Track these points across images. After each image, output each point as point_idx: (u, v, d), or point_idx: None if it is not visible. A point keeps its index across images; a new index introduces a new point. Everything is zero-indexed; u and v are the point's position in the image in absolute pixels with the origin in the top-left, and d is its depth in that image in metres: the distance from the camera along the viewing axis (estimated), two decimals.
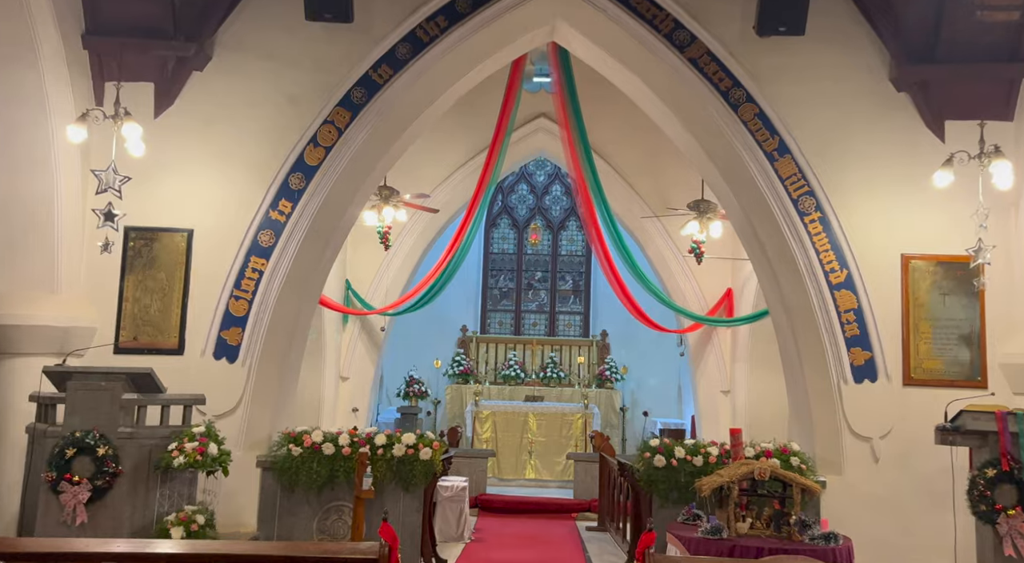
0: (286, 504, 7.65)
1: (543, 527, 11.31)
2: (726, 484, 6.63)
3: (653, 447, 7.65)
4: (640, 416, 17.39)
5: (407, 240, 12.93)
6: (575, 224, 18.80)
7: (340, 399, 12.77)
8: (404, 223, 12.71)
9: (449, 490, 10.13)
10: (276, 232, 7.93)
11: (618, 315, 17.84)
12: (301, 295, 8.09)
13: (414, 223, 12.90)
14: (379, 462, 7.58)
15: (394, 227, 12.41)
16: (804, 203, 8.02)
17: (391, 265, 12.85)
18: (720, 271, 12.73)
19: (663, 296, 11.70)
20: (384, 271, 12.85)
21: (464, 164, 12.90)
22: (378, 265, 12.88)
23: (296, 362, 8.35)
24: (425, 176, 12.52)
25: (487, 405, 15.40)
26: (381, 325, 12.90)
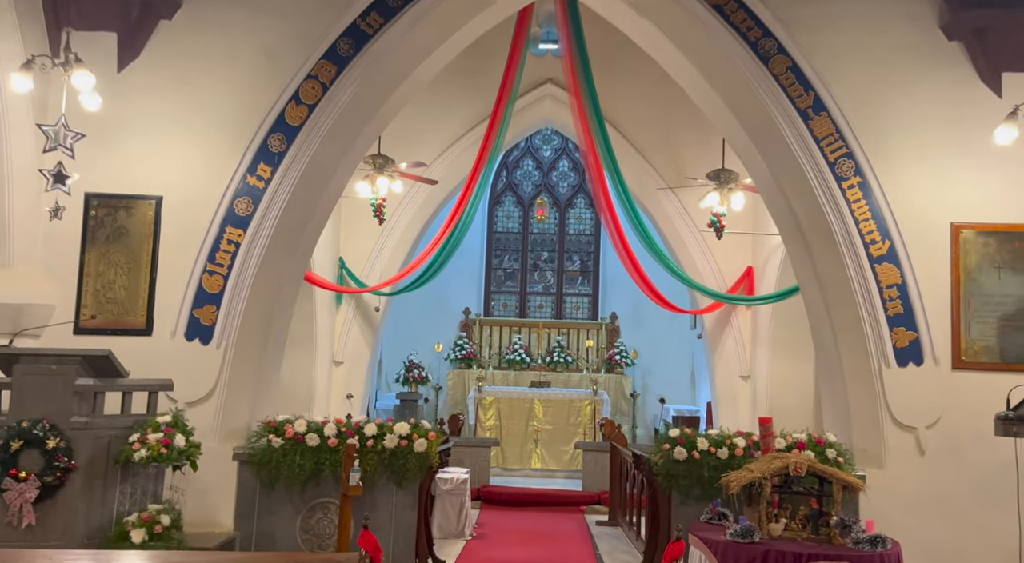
0: (266, 501, 6.91)
1: (550, 522, 10.59)
2: (757, 480, 5.86)
3: (673, 438, 6.88)
4: (652, 402, 16.70)
5: (404, 215, 12.13)
6: (583, 201, 18.01)
7: (334, 385, 12.03)
8: (400, 196, 11.94)
9: (449, 483, 9.40)
10: (254, 199, 7.15)
11: (628, 297, 17.16)
12: (283, 270, 7.31)
13: (411, 197, 12.11)
14: (369, 455, 6.83)
15: (390, 200, 11.62)
16: (842, 166, 7.20)
17: (387, 242, 12.07)
18: (740, 248, 11.91)
19: (681, 272, 10.89)
20: (380, 249, 12.07)
21: (465, 134, 12.09)
22: (373, 242, 12.10)
23: (279, 344, 7.59)
24: (423, 147, 11.70)
25: (491, 391, 14.69)
26: (376, 305, 12.13)
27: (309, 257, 7.80)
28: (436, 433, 7.04)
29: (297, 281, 7.72)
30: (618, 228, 10.58)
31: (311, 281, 10.02)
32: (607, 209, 10.49)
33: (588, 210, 18.05)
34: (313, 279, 10.10)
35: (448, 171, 11.98)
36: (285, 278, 7.36)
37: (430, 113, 12.03)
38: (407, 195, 12.07)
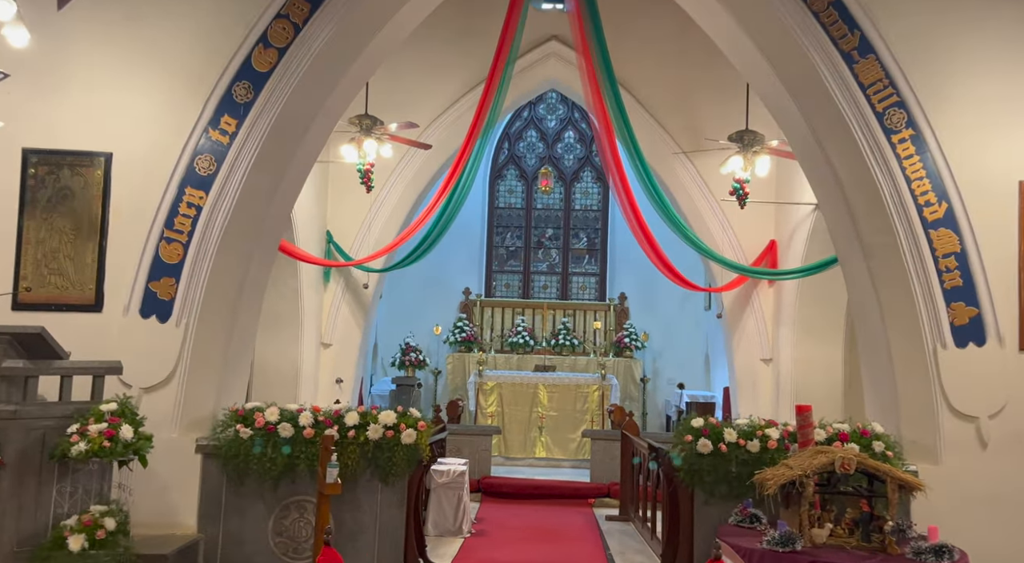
0: (234, 499, 6.07)
1: (556, 516, 9.76)
2: (798, 479, 4.99)
3: (696, 429, 6.00)
4: (663, 387, 15.90)
5: (396, 186, 11.23)
6: (590, 175, 17.08)
7: (322, 369, 11.18)
8: (392, 165, 11.04)
9: (445, 475, 8.56)
10: (218, 157, 6.26)
11: (638, 276, 16.29)
12: (253, 238, 6.43)
13: (404, 165, 11.21)
14: (350, 447, 5.98)
15: (380, 169, 10.74)
16: (892, 117, 6.28)
17: (378, 215, 11.18)
18: (762, 219, 10.99)
19: (701, 243, 9.97)
20: (370, 222, 11.18)
21: (462, 97, 11.19)
22: (363, 215, 11.20)
23: (249, 322, 6.72)
24: (417, 112, 10.77)
25: (492, 376, 13.85)
26: (364, 282, 11.25)
27: (284, 224, 6.92)
28: (427, 422, 6.18)
29: (270, 251, 6.84)
30: (629, 197, 9.66)
31: (287, 252, 9.11)
32: (617, 175, 9.57)
33: (595, 184, 17.12)
34: (290, 249, 9.16)
35: (444, 138, 11.05)
36: (255, 247, 6.47)
37: (424, 74, 11.13)
38: (399, 164, 11.18)
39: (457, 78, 11.20)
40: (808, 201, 9.80)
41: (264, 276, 6.82)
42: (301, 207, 10.17)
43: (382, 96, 10.55)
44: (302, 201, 10.22)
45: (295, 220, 9.99)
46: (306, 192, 10.43)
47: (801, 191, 10.20)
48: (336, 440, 5.93)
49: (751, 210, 10.63)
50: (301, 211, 10.18)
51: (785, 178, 10.71)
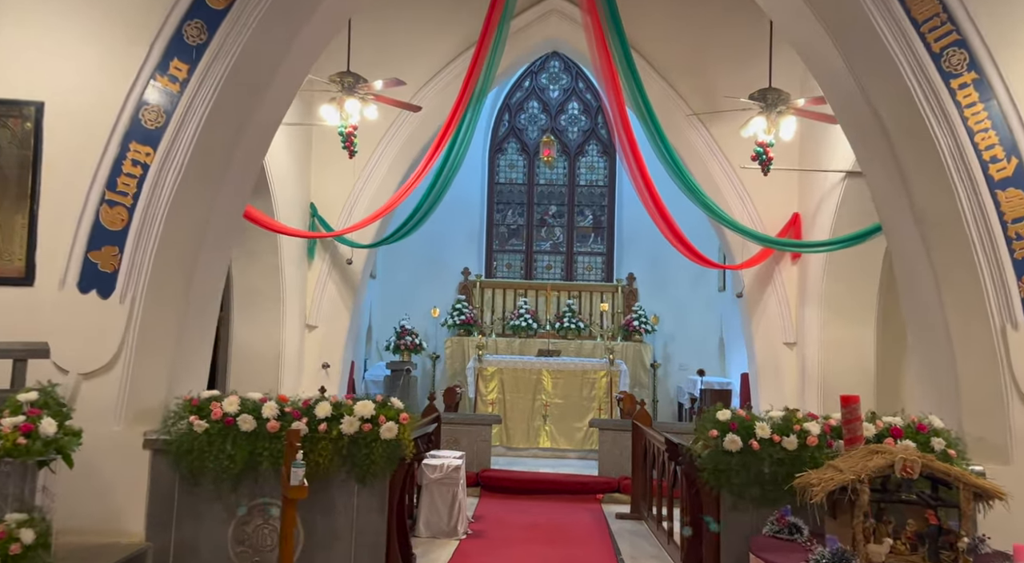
0: (188, 502, 5.26)
1: (561, 513, 8.95)
2: (850, 484, 4.14)
3: (723, 422, 5.15)
4: (675, 373, 15.17)
5: (386, 155, 10.34)
6: (595, 149, 16.18)
7: (307, 353, 10.35)
8: (380, 132, 10.17)
9: (438, 470, 7.75)
10: (167, 108, 5.39)
11: (647, 255, 15.44)
12: (211, 201, 5.57)
13: (395, 133, 10.33)
14: (322, 443, 5.15)
15: (369, 137, 9.89)
16: (951, 59, 5.38)
17: (366, 187, 10.30)
18: (784, 189, 10.10)
19: (722, 213, 9.06)
20: (358, 194, 10.31)
21: (457, 57, 10.28)
22: (351, 187, 10.33)
23: (209, 299, 5.87)
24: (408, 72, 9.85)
25: (492, 361, 13.03)
26: (348, 257, 10.38)
27: (248, 185, 6.05)
28: (411, 415, 5.34)
29: (233, 217, 5.97)
30: (640, 165, 8.77)
31: (254, 219, 8.22)
32: (626, 140, 8.68)
33: (601, 158, 16.23)
34: (257, 217, 8.26)
35: (438, 103, 10.13)
36: (214, 212, 5.61)
37: (416, 32, 10.25)
38: (389, 130, 10.30)
39: (452, 37, 10.31)
40: (838, 168, 8.91)
41: (226, 246, 5.98)
42: (280, 176, 9.32)
43: (368, 56, 9.68)
44: (281, 170, 9.37)
45: (273, 191, 9.14)
46: (286, 160, 9.58)
47: (829, 158, 9.31)
48: (305, 435, 5.12)
49: (772, 180, 9.75)
50: (281, 180, 9.33)
51: (811, 144, 9.81)
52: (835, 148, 9.02)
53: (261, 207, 8.97)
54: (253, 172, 6.06)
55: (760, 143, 8.31)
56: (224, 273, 5.99)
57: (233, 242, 6.05)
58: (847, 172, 8.66)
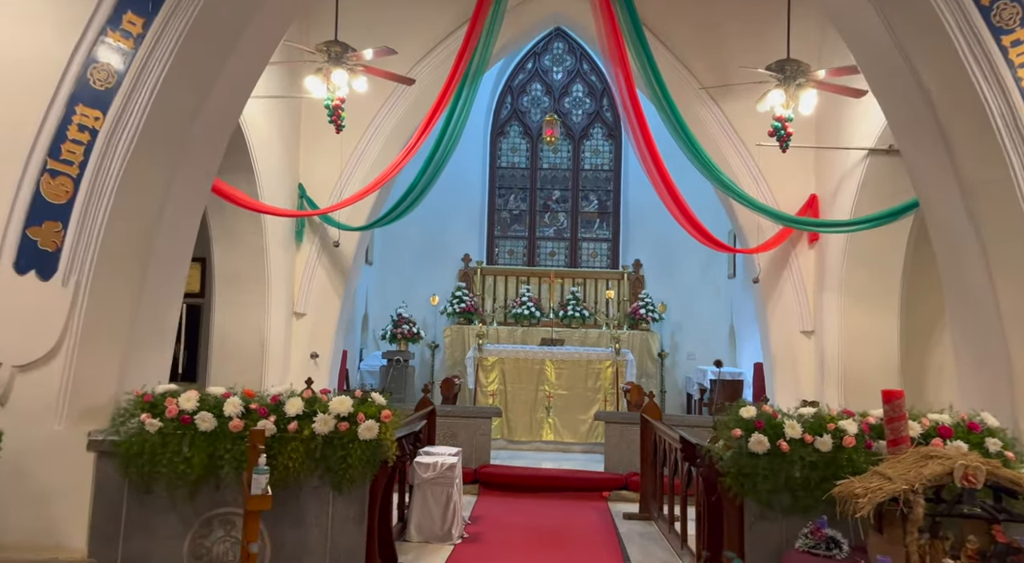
0: (138, 513, 4.68)
1: (564, 513, 8.38)
2: (902, 495, 3.54)
3: (747, 420, 4.55)
4: (682, 363, 14.59)
5: (379, 133, 9.73)
6: (600, 132, 15.53)
7: (295, 342, 9.77)
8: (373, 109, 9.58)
9: (431, 469, 7.15)
10: (119, 67, 4.79)
11: (654, 241, 14.84)
12: (169, 172, 4.98)
13: (388, 110, 9.72)
14: (292, 444, 4.56)
15: (361, 114, 9.31)
16: (1002, 14, 4.76)
17: (358, 167, 9.69)
18: (800, 169, 9.48)
19: (739, 190, 8.40)
20: (350, 174, 9.70)
21: (456, 30, 9.65)
22: (341, 167, 9.72)
23: (170, 282, 5.29)
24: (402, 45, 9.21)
25: (493, 350, 12.44)
26: (335, 239, 9.77)
27: (215, 156, 5.45)
28: (395, 411, 4.75)
29: (197, 191, 5.38)
30: (649, 143, 8.15)
31: (225, 196, 7.60)
32: (635, 117, 8.06)
33: (606, 141, 15.58)
34: (228, 193, 7.63)
35: (435, 77, 9.49)
36: (175, 185, 5.02)
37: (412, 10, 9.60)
38: (383, 108, 9.70)
39: (451, 7, 9.68)
40: (860, 145, 8.27)
41: (189, 223, 5.38)
42: (265, 154, 8.72)
43: (359, 29, 9.05)
44: (266, 147, 8.77)
45: (257, 169, 8.54)
46: (271, 137, 8.97)
47: (851, 135, 8.67)
48: (273, 435, 4.53)
49: (788, 159, 9.13)
50: (265, 158, 8.73)
51: (830, 121, 9.16)
52: (857, 123, 8.40)
53: (245, 187, 8.39)
54: (220, 141, 5.45)
55: (778, 118, 7.67)
56: (188, 253, 5.39)
57: (197, 219, 5.44)
58: (870, 149, 8.03)
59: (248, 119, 8.17)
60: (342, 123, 7.69)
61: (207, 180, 5.42)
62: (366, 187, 8.68)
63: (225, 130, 5.43)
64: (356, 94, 8.13)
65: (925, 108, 5.02)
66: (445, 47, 9.77)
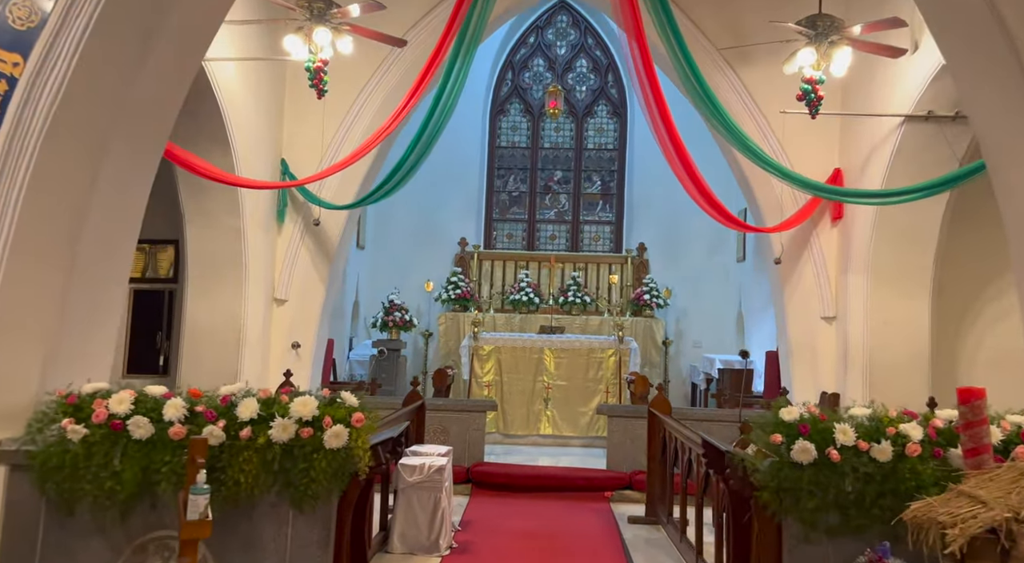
0: (58, 537, 3.93)
1: (564, 516, 7.68)
2: (1004, 524, 2.81)
3: (790, 424, 3.80)
4: (687, 351, 13.88)
5: (370, 104, 8.95)
6: (605, 109, 14.75)
7: (274, 331, 9.02)
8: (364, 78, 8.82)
9: (417, 471, 6.42)
10: (43, 4, 4.01)
11: (659, 223, 14.11)
12: (107, 130, 4.21)
13: (380, 78, 8.96)
14: (244, 454, 3.82)
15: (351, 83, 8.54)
16: None
17: (345, 141, 8.91)
18: (824, 141, 8.73)
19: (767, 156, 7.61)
20: (336, 150, 8.93)
21: None
22: (328, 141, 8.94)
23: (111, 262, 4.52)
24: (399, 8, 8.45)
25: (489, 338, 11.72)
26: (315, 218, 8.99)
27: (167, 113, 4.67)
28: (368, 414, 4.01)
29: (144, 159, 4.61)
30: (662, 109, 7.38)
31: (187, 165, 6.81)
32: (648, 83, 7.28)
33: (611, 120, 14.79)
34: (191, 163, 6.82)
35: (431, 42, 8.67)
36: (113, 147, 4.25)
37: None
38: (373, 76, 8.92)
39: None
40: (895, 112, 7.50)
41: (135, 194, 4.62)
42: (242, 124, 7.94)
43: None
44: (244, 117, 7.99)
45: (233, 142, 7.77)
46: (250, 106, 8.19)
47: (882, 101, 7.90)
48: (222, 444, 3.79)
49: (811, 131, 8.39)
50: (243, 129, 7.96)
51: (858, 86, 8.38)
52: (892, 87, 7.64)
53: (220, 161, 7.62)
54: (170, 102, 4.67)
55: (808, 80, 6.89)
56: (134, 230, 4.63)
57: (144, 191, 4.67)
58: (906, 116, 7.27)
59: (223, 85, 7.40)
60: (324, 88, 6.91)
61: (155, 147, 4.64)
62: (346, 157, 7.88)
63: (177, 88, 4.65)
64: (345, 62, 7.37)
65: (1004, 50, 4.25)
66: (444, 9, 8.96)
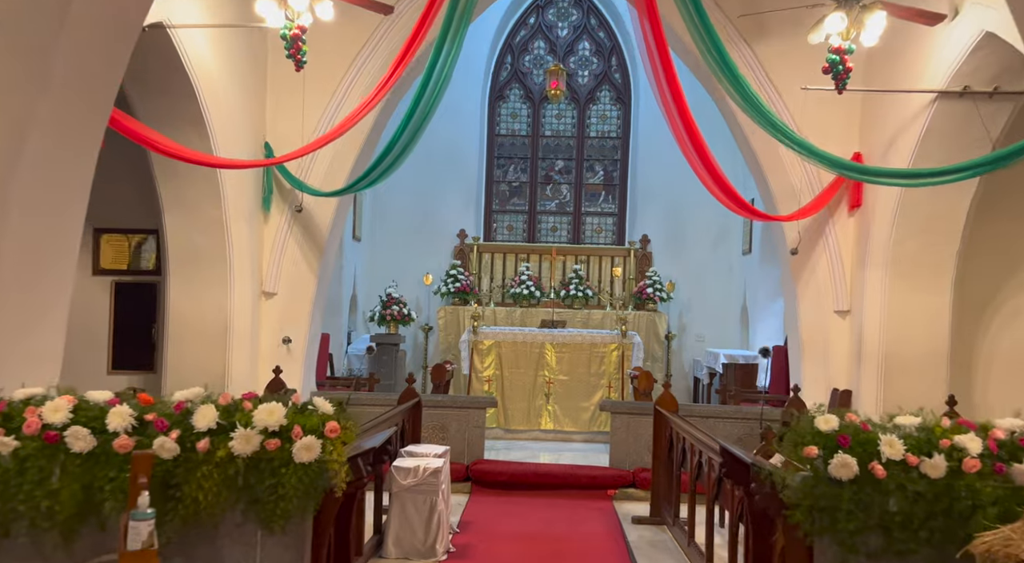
0: None
1: (565, 516, 7.29)
2: None
3: (827, 435, 3.32)
4: (690, 345, 13.48)
5: (360, 80, 8.43)
6: (608, 95, 14.25)
7: (263, 325, 8.55)
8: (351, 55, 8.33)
9: (411, 474, 5.97)
10: None
11: (663, 215, 13.63)
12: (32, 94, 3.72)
13: (371, 52, 8.45)
14: (203, 470, 3.34)
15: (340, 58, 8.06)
16: None
17: (333, 123, 8.41)
18: (844, 125, 8.21)
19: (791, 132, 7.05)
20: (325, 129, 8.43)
21: None
22: (314, 123, 8.45)
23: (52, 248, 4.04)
24: None
25: (489, 332, 11.27)
26: (298, 204, 8.49)
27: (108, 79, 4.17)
28: (345, 424, 3.53)
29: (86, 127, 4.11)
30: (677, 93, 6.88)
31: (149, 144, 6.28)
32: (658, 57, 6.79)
33: (614, 106, 14.27)
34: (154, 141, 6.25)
35: None
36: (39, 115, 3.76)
37: None
38: (362, 52, 8.42)
39: None
40: (927, 87, 6.98)
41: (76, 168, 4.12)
42: (220, 102, 7.44)
43: None
44: (221, 95, 7.49)
45: (210, 121, 7.27)
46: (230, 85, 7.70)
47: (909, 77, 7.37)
48: (176, 457, 3.32)
49: (829, 111, 7.92)
50: (221, 107, 7.46)
51: (882, 62, 7.85)
52: (924, 62, 7.13)
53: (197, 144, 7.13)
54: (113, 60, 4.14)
55: (836, 49, 6.36)
56: (79, 209, 4.14)
57: (88, 164, 4.16)
58: (940, 92, 6.76)
59: (195, 58, 6.89)
60: (303, 58, 6.41)
61: (99, 112, 4.13)
62: (330, 131, 7.35)
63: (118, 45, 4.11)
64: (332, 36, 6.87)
65: None
66: None
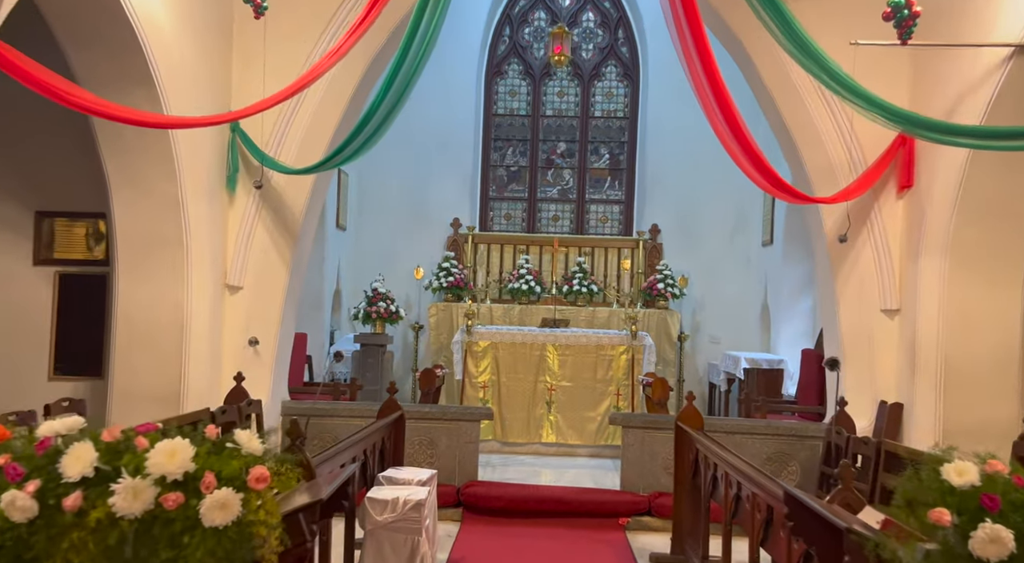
0: None
1: (571, 551, 6.37)
2: None
3: (967, 493, 2.30)
4: (704, 347, 12.45)
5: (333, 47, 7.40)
6: (614, 71, 13.23)
7: (227, 324, 7.50)
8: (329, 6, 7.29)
9: (388, 508, 4.96)
10: None
11: (675, 203, 12.61)
12: None
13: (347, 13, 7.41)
14: (74, 536, 2.31)
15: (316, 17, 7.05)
16: None
17: (307, 100, 7.38)
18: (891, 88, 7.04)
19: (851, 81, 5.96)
20: (295, 108, 7.41)
21: None
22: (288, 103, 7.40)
23: None
24: None
25: (485, 332, 10.28)
26: (257, 179, 7.42)
27: None
28: (281, 470, 2.51)
29: None
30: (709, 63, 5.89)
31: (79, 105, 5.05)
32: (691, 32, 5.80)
33: (621, 84, 13.25)
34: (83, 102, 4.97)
35: None
36: None
37: None
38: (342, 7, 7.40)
39: None
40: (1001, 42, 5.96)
41: None
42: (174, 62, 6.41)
43: None
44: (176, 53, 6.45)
45: (161, 82, 6.23)
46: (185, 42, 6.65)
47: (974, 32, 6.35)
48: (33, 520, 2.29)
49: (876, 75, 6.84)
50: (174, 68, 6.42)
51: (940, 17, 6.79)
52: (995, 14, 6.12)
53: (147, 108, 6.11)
54: None
55: None
56: None
57: None
58: (1017, 46, 5.76)
59: (140, 11, 5.87)
60: (264, 3, 5.40)
61: None
62: (281, 91, 6.27)
63: None
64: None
65: None
66: None
